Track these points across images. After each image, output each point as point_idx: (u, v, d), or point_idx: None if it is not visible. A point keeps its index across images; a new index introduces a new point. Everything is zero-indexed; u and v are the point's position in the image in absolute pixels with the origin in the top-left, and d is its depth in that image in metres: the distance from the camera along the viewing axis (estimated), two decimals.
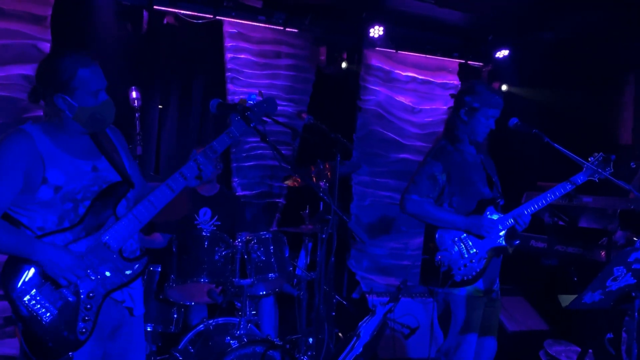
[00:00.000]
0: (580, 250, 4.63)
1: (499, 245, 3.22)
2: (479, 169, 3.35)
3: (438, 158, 3.26)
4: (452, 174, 3.23)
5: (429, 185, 3.20)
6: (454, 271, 3.13)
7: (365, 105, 6.07)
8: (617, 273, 2.66)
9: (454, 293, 3.19)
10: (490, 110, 3.23)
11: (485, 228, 3.14)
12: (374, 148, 6.14)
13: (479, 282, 3.19)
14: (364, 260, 6.06)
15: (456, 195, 3.24)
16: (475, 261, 3.16)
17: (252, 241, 3.83)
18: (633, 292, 2.76)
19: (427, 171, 3.23)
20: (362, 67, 5.98)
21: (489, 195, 3.31)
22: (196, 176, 2.54)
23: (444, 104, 6.44)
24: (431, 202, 3.21)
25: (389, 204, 6.24)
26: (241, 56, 5.45)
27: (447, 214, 3.19)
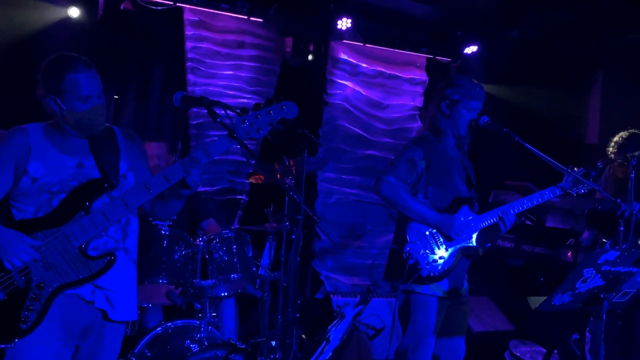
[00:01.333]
0: (546, 250, 4.75)
1: (469, 245, 3.25)
2: (459, 166, 3.38)
3: (419, 144, 3.27)
4: (432, 163, 3.24)
5: (407, 169, 3.20)
6: (420, 265, 3.13)
7: (332, 100, 6.07)
8: (587, 275, 2.73)
9: (416, 291, 3.20)
10: (471, 102, 3.26)
11: (455, 230, 3.16)
12: (340, 144, 6.16)
13: (444, 281, 3.20)
14: (329, 259, 6.08)
15: (433, 186, 3.25)
16: (444, 259, 3.18)
17: (213, 240, 3.78)
18: (601, 294, 2.84)
19: (407, 155, 3.23)
20: (329, 60, 5.99)
21: (465, 194, 3.34)
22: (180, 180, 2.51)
23: (412, 100, 6.50)
24: (407, 189, 3.21)
25: (355, 202, 6.27)
26: (202, 45, 5.40)
27: (420, 205, 3.19)
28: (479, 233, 3.26)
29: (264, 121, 2.51)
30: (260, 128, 2.52)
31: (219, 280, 3.75)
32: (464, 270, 3.34)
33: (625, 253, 2.73)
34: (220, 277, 3.76)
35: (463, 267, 3.32)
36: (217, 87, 5.46)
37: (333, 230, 5.99)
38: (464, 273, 3.36)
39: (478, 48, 6.35)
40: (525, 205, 3.28)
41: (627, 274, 2.84)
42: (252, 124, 2.50)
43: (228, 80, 5.53)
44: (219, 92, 5.45)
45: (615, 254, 2.71)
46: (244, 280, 3.98)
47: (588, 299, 2.89)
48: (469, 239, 3.24)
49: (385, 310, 5.24)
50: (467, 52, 6.40)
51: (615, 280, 2.84)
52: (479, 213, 3.31)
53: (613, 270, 2.78)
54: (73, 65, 2.44)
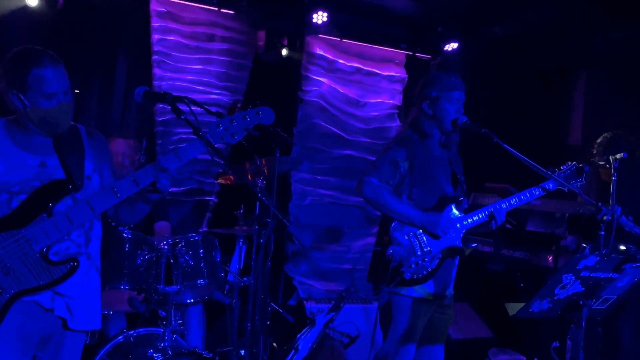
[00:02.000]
0: (527, 255, 4.79)
1: (454, 245, 3.26)
2: (445, 165, 3.40)
3: (402, 145, 3.29)
4: (416, 164, 3.27)
5: (389, 170, 3.22)
6: (404, 268, 3.14)
7: (307, 97, 6.05)
8: (566, 281, 2.76)
9: (400, 294, 3.20)
10: (452, 93, 3.28)
11: (441, 227, 3.17)
12: (316, 143, 6.14)
13: (428, 283, 3.21)
14: (303, 264, 6.06)
15: (417, 187, 3.27)
16: (428, 260, 3.19)
17: (179, 244, 3.75)
18: (581, 300, 2.86)
19: (389, 156, 3.25)
20: (304, 55, 5.97)
21: (451, 193, 3.36)
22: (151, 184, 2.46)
23: (390, 98, 6.51)
24: (389, 190, 3.22)
25: (331, 204, 6.26)
26: (170, 38, 5.34)
27: (404, 205, 3.21)
28: (465, 233, 3.27)
29: (239, 126, 2.51)
30: (236, 133, 2.51)
31: (184, 286, 3.74)
32: (449, 272, 3.36)
33: (605, 258, 2.76)
34: (186, 282, 3.75)
35: (449, 269, 3.33)
36: (185, 82, 5.41)
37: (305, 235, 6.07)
38: (450, 275, 3.37)
39: (459, 45, 6.39)
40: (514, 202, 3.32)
41: (607, 279, 2.87)
42: (226, 129, 2.50)
43: (197, 75, 5.48)
44: (187, 87, 5.40)
45: (594, 259, 2.73)
46: (212, 286, 3.95)
47: (567, 306, 2.91)
48: (454, 239, 3.25)
49: (361, 317, 5.23)
50: (447, 49, 6.43)
51: (595, 287, 2.87)
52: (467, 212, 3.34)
53: (593, 276, 2.81)
54: (39, 60, 2.39)
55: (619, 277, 2.87)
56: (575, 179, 3.39)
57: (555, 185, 3.36)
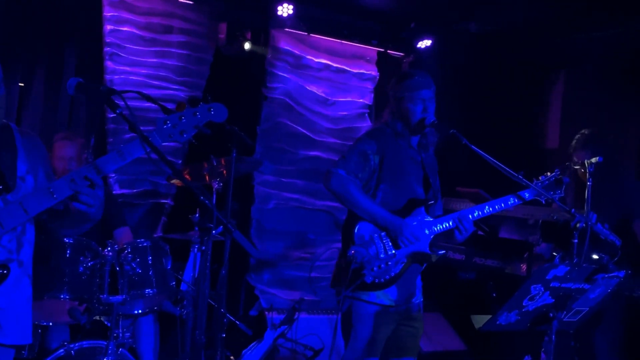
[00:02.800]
0: (499, 263, 4.78)
1: (421, 251, 3.22)
2: (417, 166, 3.38)
3: (373, 137, 3.28)
4: (386, 159, 3.24)
5: (358, 162, 3.21)
6: (365, 270, 3.09)
7: (272, 94, 6.00)
8: (535, 292, 2.72)
9: (361, 299, 3.16)
10: (414, 92, 3.26)
11: (404, 237, 3.13)
12: (281, 143, 6.10)
13: (391, 288, 3.17)
14: (265, 272, 6.00)
15: (386, 183, 3.24)
16: (392, 264, 3.15)
17: (125, 250, 3.67)
18: (551, 312, 2.83)
19: (359, 147, 3.24)
20: (269, 50, 5.93)
21: (421, 196, 3.34)
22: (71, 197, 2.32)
23: (360, 97, 6.49)
24: (357, 185, 3.19)
25: (296, 208, 6.22)
26: (123, 29, 5.26)
27: (370, 203, 3.17)
28: (433, 238, 3.23)
29: (189, 123, 2.40)
30: (185, 131, 2.40)
31: (131, 296, 3.68)
32: (414, 278, 3.32)
33: (576, 268, 2.73)
34: (133, 292, 3.69)
35: (413, 276, 3.30)
36: (139, 76, 5.34)
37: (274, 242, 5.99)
38: (415, 283, 3.33)
39: (432, 42, 6.39)
40: (487, 211, 3.28)
41: (578, 290, 2.84)
42: (174, 126, 2.39)
43: (153, 69, 5.41)
44: (142, 81, 5.33)
45: (565, 269, 2.70)
46: (161, 296, 3.88)
47: (536, 318, 2.89)
48: (422, 244, 3.21)
49: (326, 329, 5.18)
50: (420, 46, 6.43)
51: (566, 298, 2.85)
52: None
53: (563, 286, 2.78)
54: None
55: (590, 288, 2.85)
56: (554, 190, 3.37)
57: (533, 195, 3.33)
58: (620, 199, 4.14)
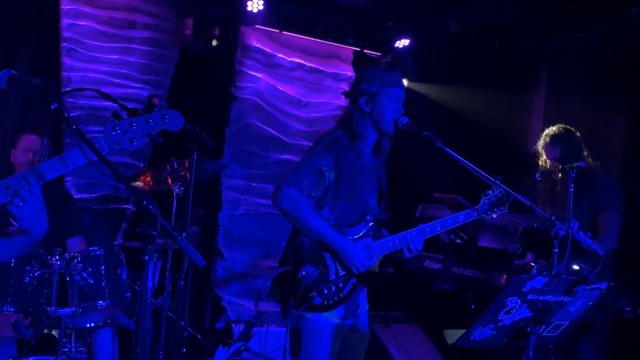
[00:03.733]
0: (478, 273, 4.70)
1: (372, 271, 3.18)
2: (372, 177, 3.31)
3: (330, 150, 3.17)
4: (342, 174, 3.16)
5: (313, 180, 3.11)
6: (314, 292, 3.05)
7: (241, 94, 5.95)
8: (511, 305, 2.64)
9: (308, 318, 3.12)
10: (392, 89, 3.19)
11: (356, 263, 3.08)
12: (251, 146, 6.05)
13: (339, 309, 3.13)
14: (234, 282, 5.92)
15: (341, 201, 3.17)
16: (342, 285, 3.11)
17: (75, 259, 3.55)
18: (528, 327, 2.75)
19: (314, 163, 3.14)
20: (238, 48, 5.88)
21: (374, 210, 3.28)
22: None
23: (335, 98, 6.44)
24: (310, 204, 3.11)
25: (267, 214, 6.13)
26: (82, 23, 5.20)
27: (322, 224, 3.09)
28: (383, 256, 3.20)
29: (140, 131, 2.25)
30: (135, 139, 2.25)
31: (81, 309, 3.56)
32: (361, 294, 3.30)
33: (555, 280, 2.64)
34: (84, 304, 3.58)
35: (360, 292, 3.28)
36: (99, 73, 5.27)
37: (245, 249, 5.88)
38: (362, 299, 3.32)
39: (410, 42, 6.35)
40: (437, 229, 3.24)
41: (557, 303, 2.76)
42: (125, 132, 2.25)
43: (114, 66, 5.36)
44: (102, 79, 5.26)
45: (543, 280, 2.62)
46: (115, 309, 3.76)
47: (513, 333, 2.81)
48: (372, 264, 3.18)
49: None
50: (398, 46, 6.39)
51: (544, 311, 2.77)
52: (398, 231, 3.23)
53: (541, 299, 2.70)
54: None
55: (571, 301, 2.77)
56: (499, 206, 3.32)
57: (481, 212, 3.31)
58: (591, 197, 4.13)
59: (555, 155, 4.35)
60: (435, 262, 4.95)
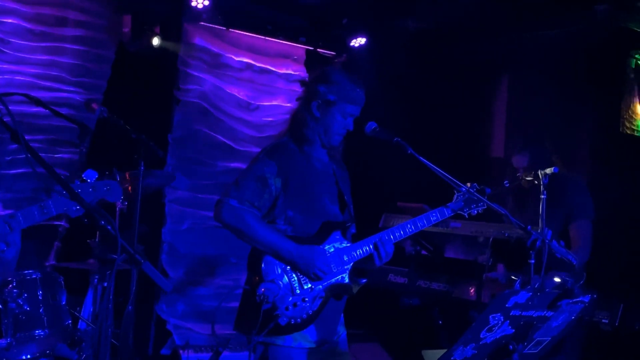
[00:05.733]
0: (446, 286, 4.78)
1: (340, 282, 3.16)
2: (330, 182, 3.32)
3: (274, 156, 3.18)
4: (291, 180, 3.16)
5: (255, 189, 3.10)
6: (279, 311, 3.01)
7: (185, 97, 5.95)
8: (493, 322, 2.68)
9: (277, 344, 3.08)
10: (349, 106, 3.20)
11: (316, 269, 3.07)
12: (197, 154, 6.04)
13: (310, 328, 3.11)
14: (179, 303, 5.88)
15: (294, 209, 3.16)
16: (309, 300, 3.09)
17: (10, 284, 3.48)
18: (510, 344, 2.79)
19: (255, 171, 3.15)
20: (182, 47, 5.87)
21: (337, 217, 3.28)
22: None
23: (288, 101, 6.47)
24: (254, 215, 3.10)
25: (215, 228, 6.01)
26: (7, 20, 5.14)
27: (272, 234, 3.08)
28: (353, 266, 3.19)
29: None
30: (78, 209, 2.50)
31: (17, 340, 3.59)
32: (336, 313, 3.28)
33: (538, 294, 2.70)
34: (20, 334, 3.60)
35: (335, 310, 3.25)
36: (26, 75, 5.22)
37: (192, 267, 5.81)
38: (338, 316, 3.30)
39: (367, 40, 6.43)
40: (409, 230, 3.26)
41: (540, 319, 2.83)
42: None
43: (43, 67, 5.30)
44: (30, 82, 5.20)
45: (526, 295, 2.67)
46: (55, 338, 3.77)
47: (495, 352, 2.85)
48: (340, 274, 3.16)
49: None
50: (353, 45, 6.46)
51: (527, 328, 2.82)
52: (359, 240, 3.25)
53: (524, 315, 2.75)
54: None
55: (554, 316, 2.83)
56: (476, 204, 3.37)
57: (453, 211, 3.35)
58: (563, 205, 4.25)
59: (524, 165, 4.48)
60: (399, 275, 5.01)
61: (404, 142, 3.21)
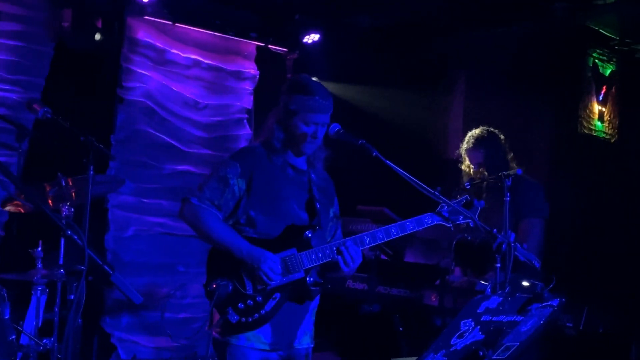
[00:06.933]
0: (406, 292, 4.85)
1: (298, 285, 3.20)
2: (302, 188, 3.38)
3: (238, 158, 3.33)
4: (255, 182, 3.25)
5: (215, 188, 3.25)
6: (229, 308, 3.10)
7: (129, 96, 5.91)
8: (464, 328, 2.74)
9: (230, 343, 3.16)
10: (309, 114, 3.26)
11: (261, 272, 3.10)
12: (141, 156, 6.00)
13: (264, 329, 3.16)
14: (124, 315, 5.83)
15: (257, 210, 3.24)
16: (261, 300, 3.15)
17: None
18: (480, 350, 2.86)
19: (218, 172, 3.29)
20: (125, 42, 5.83)
21: (304, 221, 3.32)
22: None
23: (238, 100, 6.49)
24: (212, 213, 3.21)
25: (162, 235, 6.13)
26: None
27: (227, 232, 3.20)
28: (313, 270, 3.24)
29: None
30: None
31: None
32: (297, 318, 3.30)
33: (509, 298, 2.78)
34: None
35: (295, 315, 3.29)
36: None
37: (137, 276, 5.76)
38: (298, 322, 3.32)
39: (320, 37, 6.48)
40: (379, 237, 3.30)
41: (510, 324, 2.90)
42: None
43: None
44: None
45: (497, 300, 2.74)
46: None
47: (465, 358, 2.91)
48: (298, 277, 3.21)
49: None
50: (307, 42, 6.50)
51: (497, 333, 2.89)
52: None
53: (494, 320, 2.83)
54: None
55: (523, 320, 2.92)
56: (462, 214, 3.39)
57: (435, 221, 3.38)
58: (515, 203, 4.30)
59: (479, 161, 4.59)
60: (358, 281, 5.07)
61: (369, 144, 3.26)
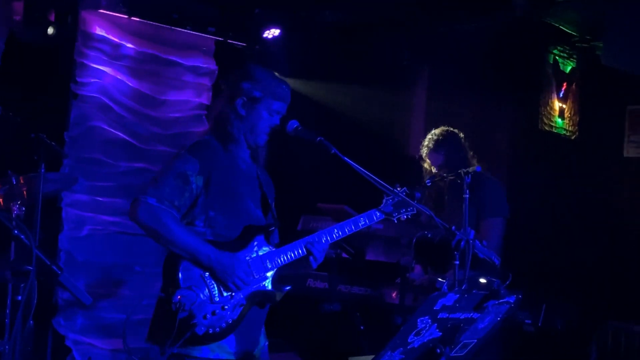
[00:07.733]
0: (367, 290, 4.92)
1: (262, 289, 3.21)
2: (253, 184, 3.36)
3: (196, 153, 3.19)
4: (214, 179, 3.17)
5: (175, 187, 3.10)
6: (196, 319, 3.01)
7: (83, 91, 5.86)
8: (421, 325, 2.78)
9: (191, 356, 3.08)
10: (275, 102, 3.26)
11: (235, 278, 3.10)
12: (96, 153, 5.96)
13: (229, 338, 3.13)
14: (79, 316, 5.78)
15: (215, 210, 3.18)
16: (229, 308, 3.11)
17: None
18: (438, 348, 2.91)
19: (176, 167, 3.14)
20: (79, 36, 5.77)
21: (260, 221, 3.32)
22: None
23: (196, 96, 6.47)
24: (173, 215, 3.09)
25: (117, 234, 6.08)
26: None
27: (190, 237, 3.09)
28: (277, 272, 3.24)
29: None
30: None
31: None
32: (258, 322, 3.31)
33: (465, 295, 2.84)
34: None
35: (256, 319, 3.28)
36: None
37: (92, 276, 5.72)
38: (260, 326, 3.34)
39: (281, 32, 6.49)
40: (336, 234, 3.33)
41: (467, 321, 2.96)
42: None
43: None
44: None
45: (454, 297, 2.80)
46: None
47: (422, 356, 2.95)
48: (262, 281, 3.21)
49: None
50: (267, 36, 6.51)
51: (454, 330, 2.94)
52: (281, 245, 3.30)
53: (451, 317, 2.88)
54: None
55: (480, 317, 2.98)
56: (406, 207, 3.49)
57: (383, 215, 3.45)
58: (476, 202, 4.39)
59: (440, 163, 4.67)
60: (319, 280, 5.12)
61: (327, 141, 3.27)
